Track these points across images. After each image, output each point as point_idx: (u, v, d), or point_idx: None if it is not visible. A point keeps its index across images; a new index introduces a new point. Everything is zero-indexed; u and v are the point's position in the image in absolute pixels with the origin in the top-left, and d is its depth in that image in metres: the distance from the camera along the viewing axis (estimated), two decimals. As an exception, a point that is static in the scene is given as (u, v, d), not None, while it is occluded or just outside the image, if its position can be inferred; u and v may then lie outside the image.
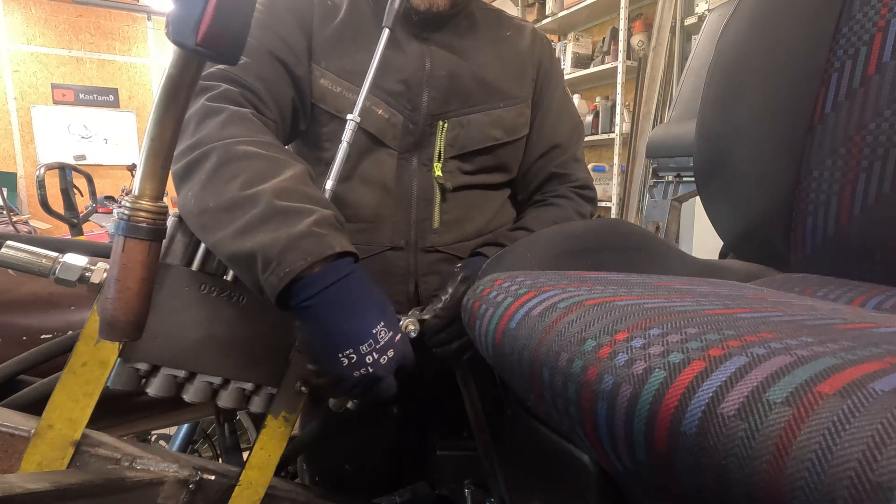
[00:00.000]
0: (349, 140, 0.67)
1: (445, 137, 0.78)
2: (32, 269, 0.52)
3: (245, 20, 0.39)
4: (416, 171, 0.78)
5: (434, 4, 0.75)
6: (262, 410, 0.62)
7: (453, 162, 0.80)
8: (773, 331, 0.28)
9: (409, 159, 0.78)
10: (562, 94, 0.91)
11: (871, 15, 0.58)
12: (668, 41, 2.84)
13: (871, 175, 0.57)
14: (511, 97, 0.83)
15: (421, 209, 0.78)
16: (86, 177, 2.54)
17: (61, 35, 5.69)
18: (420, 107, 0.77)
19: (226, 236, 0.54)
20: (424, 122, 0.77)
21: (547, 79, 0.88)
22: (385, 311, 0.57)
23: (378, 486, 0.87)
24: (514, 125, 0.83)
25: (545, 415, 0.40)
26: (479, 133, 0.80)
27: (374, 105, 0.75)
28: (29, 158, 5.63)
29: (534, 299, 0.41)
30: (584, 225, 0.77)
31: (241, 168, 0.57)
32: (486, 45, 0.83)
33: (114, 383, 0.55)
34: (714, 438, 0.23)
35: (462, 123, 0.79)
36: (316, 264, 0.53)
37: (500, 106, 0.81)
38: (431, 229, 0.79)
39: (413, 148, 0.78)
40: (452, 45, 0.80)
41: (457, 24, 0.81)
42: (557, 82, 0.91)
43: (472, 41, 0.82)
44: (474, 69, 0.79)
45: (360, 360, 0.53)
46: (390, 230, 0.78)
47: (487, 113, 0.80)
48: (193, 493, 0.58)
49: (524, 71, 0.85)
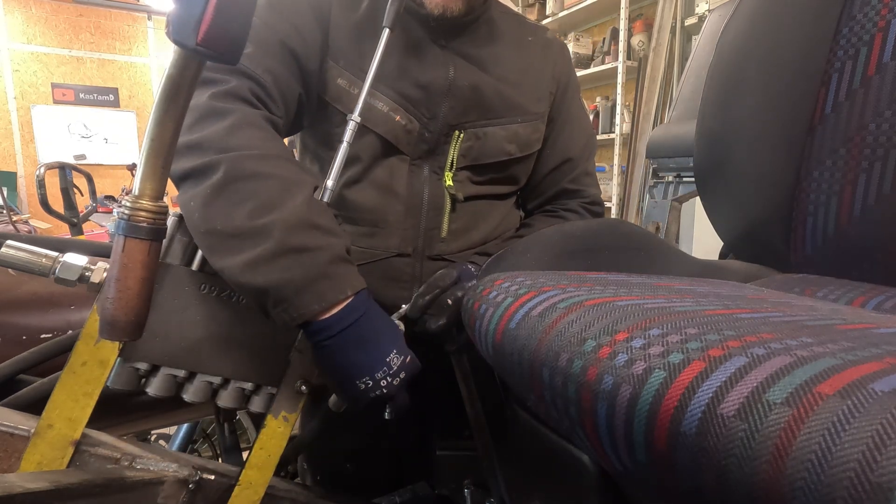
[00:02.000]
0: (349, 140, 0.67)
1: (459, 148, 0.77)
2: (32, 268, 0.52)
3: (245, 20, 0.39)
4: (428, 179, 0.77)
5: (448, 9, 0.73)
6: (262, 410, 0.62)
7: (464, 172, 0.79)
8: (773, 331, 0.28)
9: (421, 167, 0.78)
10: (577, 107, 0.90)
11: (872, 15, 0.58)
12: (669, 41, 2.84)
13: (872, 175, 0.57)
14: (528, 113, 0.81)
15: (431, 218, 0.78)
16: (86, 176, 2.54)
17: (61, 34, 5.68)
18: (438, 115, 0.76)
19: (235, 265, 0.54)
20: (440, 131, 0.76)
21: (564, 92, 0.87)
22: (395, 338, 0.60)
23: (379, 487, 0.87)
24: (529, 141, 0.82)
25: (545, 415, 0.40)
26: (495, 147, 0.79)
27: (393, 111, 0.74)
28: (29, 158, 5.63)
29: (534, 299, 0.41)
30: (584, 225, 0.77)
31: (250, 191, 0.56)
32: (506, 55, 0.81)
33: (114, 383, 0.55)
34: (714, 439, 0.23)
35: (479, 135, 0.78)
36: (331, 307, 0.55)
37: (518, 121, 0.80)
38: (439, 238, 0.78)
39: (426, 155, 0.77)
40: (471, 53, 0.78)
41: (476, 30, 0.79)
42: (574, 95, 0.89)
43: (492, 50, 0.80)
44: (495, 82, 0.78)
45: (375, 385, 0.56)
46: (398, 237, 0.77)
47: (505, 127, 0.79)
48: (193, 492, 0.58)
49: (542, 85, 0.84)
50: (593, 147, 0.94)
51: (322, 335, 0.55)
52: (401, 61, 0.75)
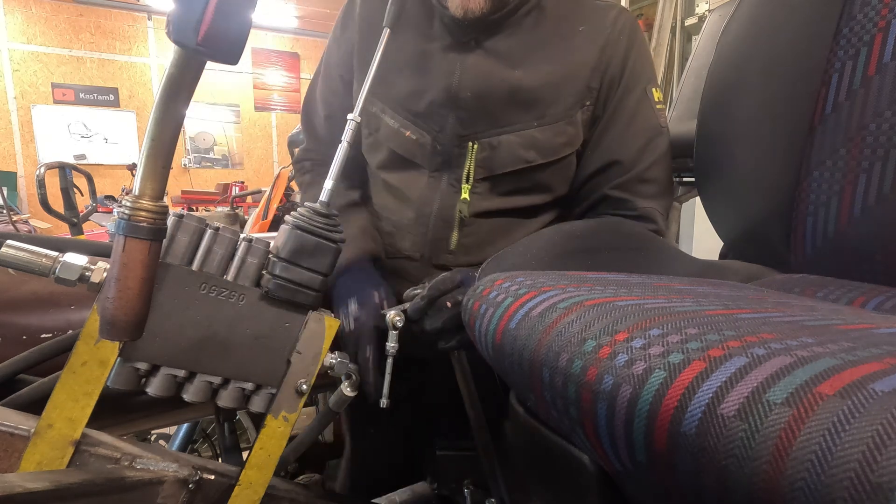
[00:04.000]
0: (349, 140, 0.67)
1: (475, 158, 0.76)
2: (32, 268, 0.52)
3: (245, 20, 0.39)
4: (443, 190, 0.77)
5: (469, 10, 0.71)
6: (262, 410, 0.62)
7: (484, 184, 0.77)
8: (773, 331, 0.28)
9: (440, 178, 0.78)
10: (636, 102, 0.77)
11: (872, 15, 0.58)
12: (669, 41, 2.84)
13: (872, 176, 0.57)
14: (549, 115, 0.75)
15: (438, 229, 0.78)
16: (86, 176, 2.54)
17: (62, 34, 5.69)
18: (446, 128, 0.75)
19: None
20: (451, 143, 0.76)
21: (614, 85, 0.77)
22: (359, 294, 0.69)
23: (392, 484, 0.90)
24: (551, 146, 0.76)
25: (545, 415, 0.40)
26: (510, 155, 0.75)
27: (403, 127, 0.77)
28: (29, 158, 5.63)
29: (534, 299, 0.41)
30: (585, 225, 0.77)
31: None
32: (544, 50, 0.75)
33: (114, 383, 0.55)
34: (714, 439, 0.23)
35: (492, 144, 0.75)
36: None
37: (534, 125, 0.75)
38: (447, 249, 0.79)
39: (443, 167, 0.77)
40: (501, 50, 0.74)
41: (517, 23, 0.75)
42: (632, 88, 0.77)
43: (529, 43, 0.75)
44: (512, 82, 0.74)
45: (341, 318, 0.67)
46: (409, 241, 0.80)
47: (519, 133, 0.75)
48: (193, 492, 0.58)
49: (580, 81, 0.75)
50: (658, 150, 0.79)
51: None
52: (408, 76, 0.76)
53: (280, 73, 7.27)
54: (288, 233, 0.58)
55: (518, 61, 0.74)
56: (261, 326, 0.60)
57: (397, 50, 0.76)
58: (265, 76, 7.18)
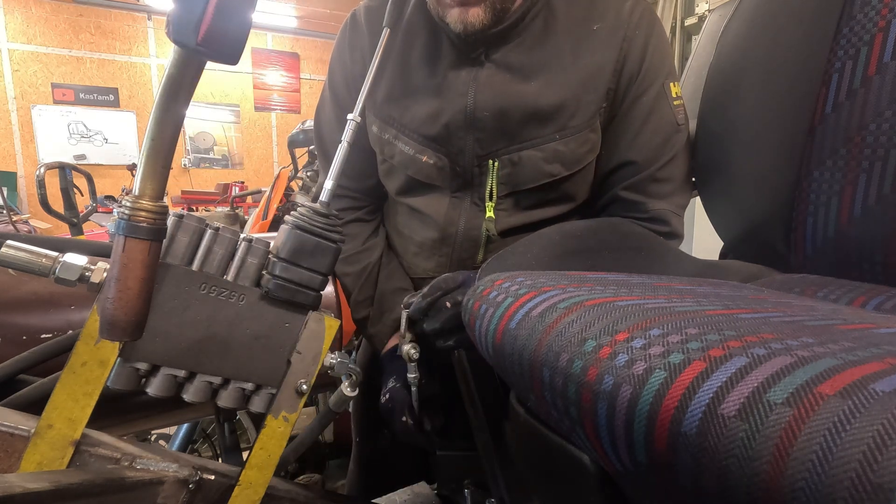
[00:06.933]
0: (349, 140, 0.67)
1: (497, 176, 0.74)
2: (32, 268, 0.52)
3: (245, 20, 0.39)
4: (467, 210, 0.76)
5: (469, 25, 0.68)
6: (262, 410, 0.62)
7: (508, 200, 0.76)
8: (773, 331, 0.28)
9: (463, 198, 0.77)
10: (653, 99, 0.73)
11: (872, 15, 0.58)
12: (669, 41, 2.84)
13: (872, 175, 0.57)
14: (571, 127, 0.72)
15: (465, 248, 0.78)
16: (86, 176, 2.54)
17: (62, 34, 5.69)
18: (465, 149, 0.74)
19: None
20: (471, 164, 0.74)
21: (632, 81, 0.73)
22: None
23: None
24: (575, 156, 0.73)
25: (545, 415, 0.40)
26: (534, 170, 0.73)
27: (419, 153, 0.75)
28: (29, 158, 5.63)
29: (534, 299, 0.41)
30: (585, 225, 0.76)
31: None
32: (558, 57, 0.72)
33: (114, 383, 0.55)
34: (714, 439, 0.23)
35: (514, 161, 0.73)
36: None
37: (556, 138, 0.72)
38: (472, 267, 0.78)
39: (464, 187, 0.76)
40: (513, 63, 0.72)
41: (525, 32, 0.72)
42: (649, 84, 0.73)
43: (542, 52, 0.72)
44: (529, 95, 0.71)
45: None
46: (434, 262, 0.80)
47: (541, 148, 0.72)
48: (193, 492, 0.58)
49: (599, 84, 0.72)
50: (674, 149, 0.75)
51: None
52: (420, 100, 0.74)
53: (280, 73, 7.28)
54: (288, 233, 0.58)
55: (532, 73, 0.71)
56: (261, 326, 0.60)
57: (407, 75, 0.75)
58: (265, 76, 7.19)
